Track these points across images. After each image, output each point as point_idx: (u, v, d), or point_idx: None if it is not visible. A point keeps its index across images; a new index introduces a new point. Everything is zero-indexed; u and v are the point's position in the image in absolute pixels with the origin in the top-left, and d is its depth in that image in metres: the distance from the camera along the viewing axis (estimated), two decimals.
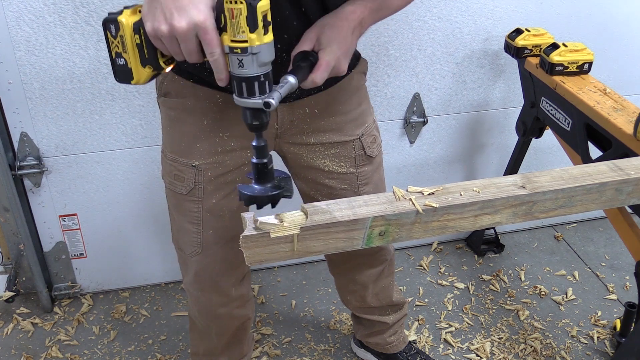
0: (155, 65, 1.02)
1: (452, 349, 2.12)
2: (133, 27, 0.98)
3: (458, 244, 2.63)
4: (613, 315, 2.26)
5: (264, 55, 0.93)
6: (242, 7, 0.88)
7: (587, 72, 1.90)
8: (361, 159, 1.47)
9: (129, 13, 0.98)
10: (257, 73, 0.94)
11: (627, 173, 1.07)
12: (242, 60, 0.92)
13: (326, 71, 1.10)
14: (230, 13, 0.89)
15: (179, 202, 1.45)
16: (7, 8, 1.76)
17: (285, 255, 0.95)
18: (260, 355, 2.10)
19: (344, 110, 1.40)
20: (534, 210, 1.01)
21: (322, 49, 1.11)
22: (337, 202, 0.97)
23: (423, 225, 0.95)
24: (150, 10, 0.96)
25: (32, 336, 2.17)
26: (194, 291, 1.61)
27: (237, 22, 0.89)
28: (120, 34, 0.97)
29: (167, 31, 0.95)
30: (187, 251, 1.51)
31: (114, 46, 0.99)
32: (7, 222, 2.07)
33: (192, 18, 0.92)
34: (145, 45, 0.99)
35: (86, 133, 2.01)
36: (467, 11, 2.10)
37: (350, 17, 1.14)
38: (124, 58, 1.00)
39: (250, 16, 0.89)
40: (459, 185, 1.00)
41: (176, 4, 0.93)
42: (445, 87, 2.25)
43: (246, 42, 0.91)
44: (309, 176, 1.48)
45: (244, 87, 0.95)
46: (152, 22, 0.96)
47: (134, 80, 1.02)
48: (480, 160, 2.48)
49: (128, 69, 1.01)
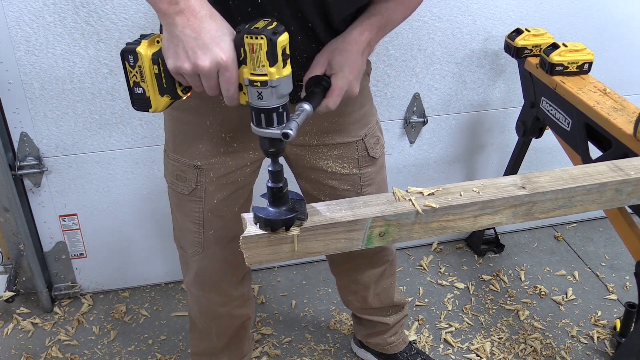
0: (174, 94, 1.03)
1: (452, 349, 2.12)
2: (152, 58, 0.98)
3: (458, 244, 2.63)
4: (613, 315, 2.26)
5: (283, 88, 0.95)
6: (262, 42, 0.89)
7: (587, 72, 1.90)
8: (364, 160, 1.48)
9: (147, 44, 0.98)
10: (276, 105, 0.95)
11: (627, 173, 1.07)
12: (261, 92, 0.93)
13: (339, 96, 1.12)
14: (250, 48, 0.90)
15: (181, 202, 1.45)
16: (7, 8, 1.76)
17: (285, 256, 0.95)
18: (260, 355, 2.10)
19: (347, 111, 1.40)
20: (534, 211, 1.01)
21: (334, 73, 1.13)
22: (337, 203, 0.98)
23: (423, 226, 0.96)
24: (171, 47, 0.96)
25: (32, 336, 2.17)
26: (194, 291, 1.62)
27: (257, 57, 0.90)
28: (138, 64, 0.98)
29: (190, 69, 0.95)
30: (189, 251, 1.52)
31: (132, 75, 1.00)
32: (7, 222, 2.07)
33: (216, 57, 0.93)
34: (164, 76, 1.00)
35: (86, 133, 2.01)
36: (467, 11, 2.10)
37: (359, 40, 1.17)
38: (142, 87, 1.00)
39: (270, 51, 0.90)
40: (458, 186, 1.00)
41: (198, 42, 0.94)
42: (445, 87, 2.24)
43: (266, 76, 0.92)
44: (312, 177, 1.48)
45: (262, 118, 0.96)
46: (175, 59, 0.96)
47: (151, 109, 1.03)
48: (480, 160, 2.48)
49: (146, 98, 1.01)
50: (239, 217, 1.45)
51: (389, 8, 1.22)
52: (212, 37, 0.94)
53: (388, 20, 1.23)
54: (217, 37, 0.94)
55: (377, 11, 1.21)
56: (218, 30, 0.95)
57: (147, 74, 0.99)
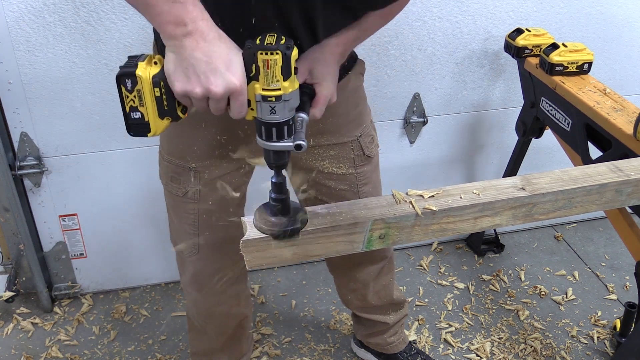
0: (174, 115, 1.00)
1: (452, 349, 2.13)
2: (152, 81, 0.95)
3: (458, 244, 2.63)
4: (613, 315, 2.26)
5: (294, 101, 0.95)
6: (278, 57, 0.89)
7: (586, 72, 1.90)
8: (360, 160, 1.48)
9: (145, 66, 0.95)
10: (287, 118, 0.95)
11: (627, 174, 1.07)
12: (274, 107, 0.93)
13: (325, 105, 1.14)
14: (265, 64, 0.90)
15: (176, 204, 1.46)
16: (7, 8, 1.76)
17: (285, 259, 0.95)
18: (260, 355, 2.10)
19: (341, 111, 1.40)
20: (534, 212, 1.01)
21: (318, 83, 1.14)
22: (337, 206, 0.98)
23: (423, 228, 0.96)
24: (179, 70, 0.94)
25: (32, 336, 2.17)
26: (191, 291, 1.63)
27: (272, 72, 0.90)
28: (137, 88, 0.95)
29: (201, 94, 0.94)
30: (185, 252, 1.53)
31: (129, 100, 0.96)
32: (7, 222, 2.07)
33: (229, 83, 0.92)
34: (166, 98, 0.97)
35: (86, 133, 2.01)
36: (467, 11, 2.09)
37: (335, 51, 1.18)
38: (140, 111, 0.97)
39: (285, 65, 0.90)
40: (458, 188, 1.00)
41: (210, 66, 0.92)
42: (445, 87, 2.24)
43: (279, 90, 0.91)
44: (308, 177, 1.48)
45: (274, 132, 0.95)
46: (184, 83, 0.93)
47: (150, 133, 1.00)
48: (480, 160, 2.48)
49: (145, 122, 0.98)
50: (234, 218, 1.45)
51: (368, 20, 1.23)
52: (223, 60, 0.92)
53: (366, 30, 1.25)
54: (228, 61, 0.93)
55: (355, 23, 1.22)
56: (229, 52, 0.93)
57: (147, 98, 0.96)
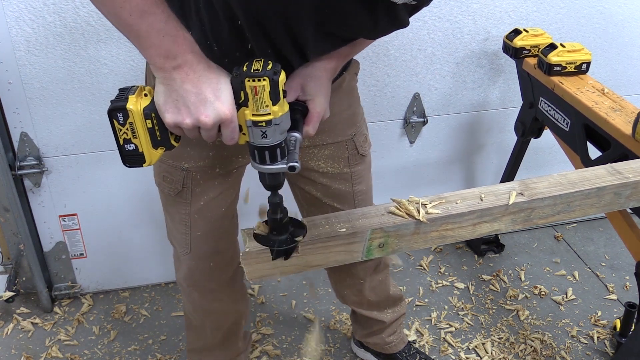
0: (168, 144, 1.01)
1: (452, 349, 2.13)
2: (143, 113, 0.96)
3: (458, 244, 2.63)
4: (613, 315, 2.26)
5: (285, 124, 0.96)
6: (265, 83, 0.89)
7: (585, 72, 1.90)
8: (354, 159, 1.50)
9: (135, 99, 0.95)
10: (279, 140, 0.96)
11: (625, 176, 1.07)
12: (265, 131, 0.94)
13: (318, 121, 1.14)
14: (253, 90, 0.90)
15: (169, 203, 1.48)
16: (7, 8, 1.76)
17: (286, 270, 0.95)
18: (260, 355, 2.10)
19: (336, 111, 1.40)
20: (533, 217, 1.02)
21: (311, 99, 1.14)
22: (336, 216, 0.98)
23: (422, 236, 0.96)
24: (169, 102, 0.94)
25: (32, 336, 2.18)
26: (186, 287, 1.64)
27: (261, 98, 0.91)
28: (129, 121, 0.95)
29: (191, 124, 0.95)
30: (179, 249, 1.55)
31: (122, 133, 0.97)
32: (7, 222, 2.07)
33: (218, 113, 0.93)
34: (158, 129, 0.98)
35: (86, 133, 2.01)
36: (466, 11, 2.09)
37: (327, 67, 1.19)
38: (134, 143, 0.98)
39: (273, 90, 0.90)
40: (456, 194, 1.00)
41: (199, 97, 0.93)
42: (445, 87, 2.24)
43: (269, 115, 0.92)
44: (304, 175, 1.49)
45: (266, 155, 0.96)
46: (175, 115, 0.94)
47: (145, 163, 1.01)
48: (479, 160, 2.48)
49: (139, 154, 0.99)
50: (226, 217, 1.47)
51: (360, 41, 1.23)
52: (212, 90, 0.93)
53: (356, 47, 1.25)
54: (217, 90, 0.94)
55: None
56: (218, 82, 0.94)
57: (139, 130, 0.96)
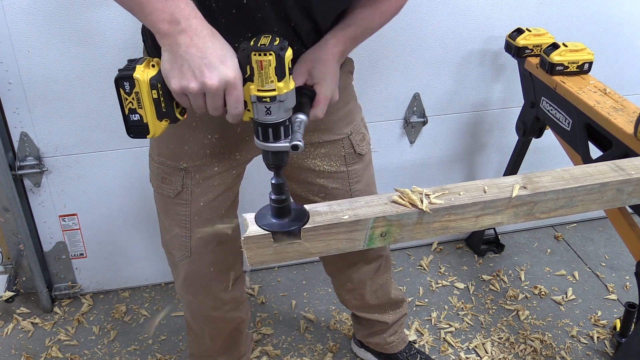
0: (172, 117, 1.02)
1: (452, 349, 2.12)
2: (150, 82, 0.97)
3: (458, 244, 2.63)
4: (613, 315, 2.26)
5: (289, 102, 0.96)
6: (271, 58, 0.90)
7: (587, 72, 1.90)
8: (351, 157, 1.49)
9: (142, 68, 0.97)
10: (283, 118, 0.96)
11: (628, 173, 1.07)
12: (269, 107, 0.94)
13: (326, 105, 1.15)
14: (258, 65, 0.91)
15: (167, 206, 1.45)
16: (7, 8, 1.76)
17: (287, 256, 0.95)
18: (260, 355, 2.10)
19: (331, 109, 1.40)
20: (535, 211, 1.01)
21: (318, 82, 1.15)
22: (339, 203, 0.98)
23: (425, 226, 0.96)
24: (174, 67, 0.96)
25: (32, 336, 2.17)
26: (185, 295, 1.61)
27: (266, 73, 0.91)
28: (135, 90, 0.97)
29: (197, 88, 0.95)
30: (177, 255, 1.51)
31: (127, 103, 0.98)
32: (7, 222, 2.07)
33: (224, 76, 0.94)
34: (163, 99, 0.99)
35: (86, 133, 2.01)
36: (468, 11, 2.09)
37: (334, 50, 1.20)
38: (139, 114, 0.99)
39: (279, 66, 0.91)
40: (460, 186, 1.00)
41: (204, 61, 0.94)
42: (445, 87, 2.24)
43: (274, 91, 0.93)
44: (301, 177, 1.48)
45: (270, 132, 0.97)
46: (180, 79, 0.96)
47: (149, 135, 1.01)
48: (480, 160, 2.48)
49: (143, 124, 1.00)
50: (226, 220, 1.46)
51: (365, 17, 1.23)
52: (218, 55, 0.95)
53: (364, 30, 1.25)
54: (222, 56, 0.95)
55: (352, 21, 1.23)
56: (222, 48, 0.96)
57: (145, 100, 0.97)
